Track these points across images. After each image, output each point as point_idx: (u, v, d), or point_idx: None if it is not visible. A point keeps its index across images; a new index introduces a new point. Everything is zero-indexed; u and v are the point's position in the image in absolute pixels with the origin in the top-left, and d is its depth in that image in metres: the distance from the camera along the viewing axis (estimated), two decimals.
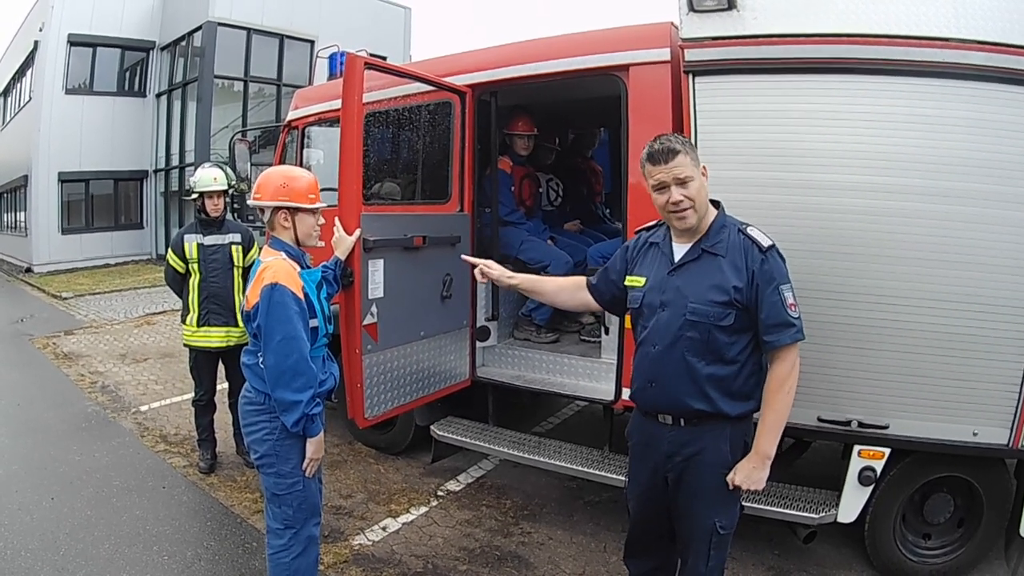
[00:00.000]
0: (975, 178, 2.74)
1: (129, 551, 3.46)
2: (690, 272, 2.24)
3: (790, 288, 2.19)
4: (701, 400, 2.21)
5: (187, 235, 4.35)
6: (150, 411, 5.73)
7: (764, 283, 2.16)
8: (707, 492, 2.25)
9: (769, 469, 2.21)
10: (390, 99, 4.12)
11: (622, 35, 3.50)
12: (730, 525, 2.30)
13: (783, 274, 2.20)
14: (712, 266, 2.21)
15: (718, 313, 2.17)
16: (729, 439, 2.25)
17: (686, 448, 2.27)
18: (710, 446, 2.24)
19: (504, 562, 3.46)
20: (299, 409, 2.43)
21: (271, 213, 2.62)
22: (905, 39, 2.76)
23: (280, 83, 17.00)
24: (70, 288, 13.19)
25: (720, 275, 2.19)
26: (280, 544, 2.58)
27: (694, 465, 2.26)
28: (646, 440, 2.39)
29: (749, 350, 2.23)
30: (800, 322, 2.18)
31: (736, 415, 2.23)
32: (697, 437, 2.25)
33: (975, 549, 3.25)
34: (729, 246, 2.21)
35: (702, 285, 2.20)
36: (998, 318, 2.79)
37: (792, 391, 2.19)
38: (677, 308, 2.22)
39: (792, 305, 2.16)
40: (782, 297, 2.15)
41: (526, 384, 4.10)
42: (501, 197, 4.32)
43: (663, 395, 2.28)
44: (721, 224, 2.26)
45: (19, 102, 19.16)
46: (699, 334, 2.19)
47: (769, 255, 2.18)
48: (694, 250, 2.25)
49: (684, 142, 2.21)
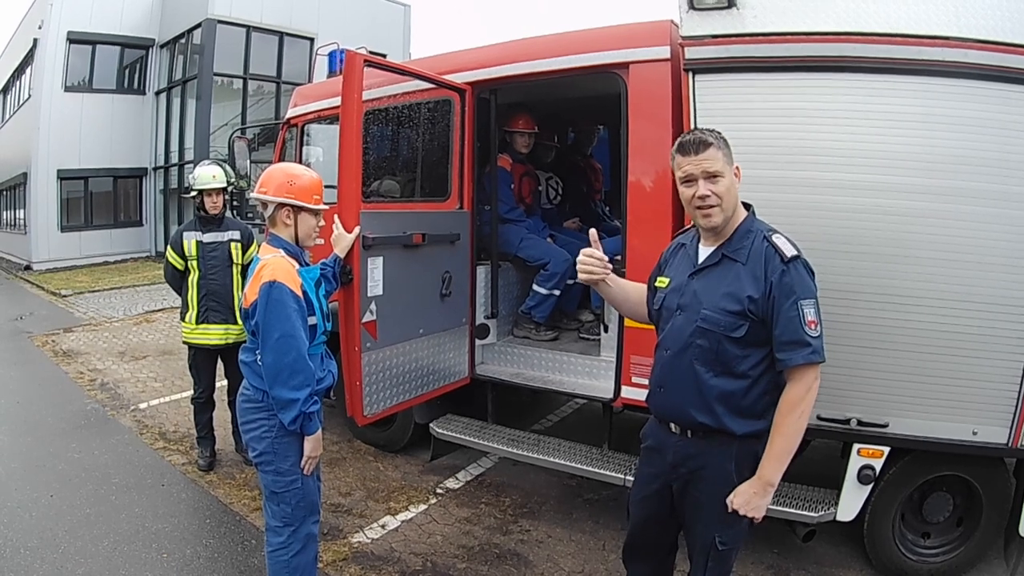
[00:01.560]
0: (975, 177, 2.74)
1: (128, 549, 3.46)
2: (709, 277, 2.14)
3: (813, 304, 2.02)
4: (705, 413, 2.10)
5: (186, 232, 4.35)
6: (149, 409, 5.73)
7: (782, 296, 2.02)
8: (709, 508, 2.15)
9: (771, 497, 2.07)
10: (390, 96, 4.13)
11: (622, 33, 3.49)
12: (733, 542, 2.18)
13: (806, 288, 2.04)
14: (730, 273, 2.10)
15: (730, 323, 2.06)
16: (735, 458, 2.11)
17: (691, 461, 2.18)
18: (713, 463, 2.14)
19: (503, 560, 3.46)
20: (296, 407, 2.43)
21: (274, 209, 2.61)
22: (905, 38, 2.76)
23: (279, 81, 16.99)
24: (69, 286, 13.19)
25: (736, 283, 2.07)
26: (279, 542, 2.58)
27: (697, 479, 2.18)
28: (656, 446, 2.31)
29: (763, 366, 2.09)
30: (819, 342, 2.01)
31: (743, 434, 2.09)
32: (702, 451, 2.15)
33: (974, 548, 3.24)
34: (751, 253, 2.09)
35: (717, 292, 2.10)
36: (998, 317, 2.79)
37: (805, 416, 2.02)
38: (691, 313, 2.13)
39: (812, 323, 2.00)
40: (801, 313, 2.00)
41: (525, 382, 4.10)
42: (501, 195, 4.32)
43: (670, 402, 2.20)
44: (748, 229, 2.13)
45: (18, 100, 19.15)
46: (709, 343, 2.09)
47: (792, 266, 2.03)
48: (715, 254, 2.15)
49: (718, 136, 2.11)
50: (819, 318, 2.03)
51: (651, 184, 3.36)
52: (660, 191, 3.31)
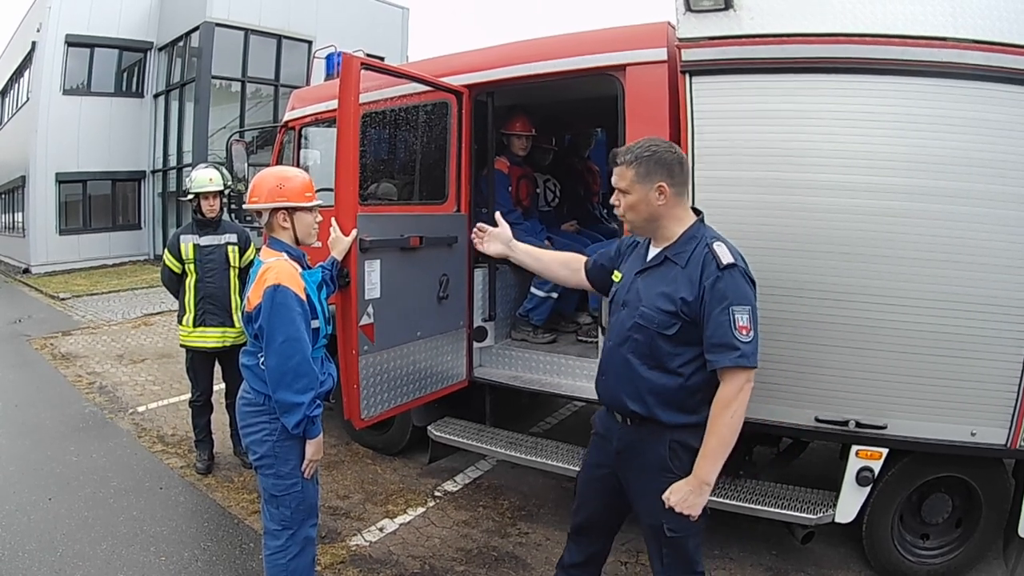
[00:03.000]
0: (972, 178, 2.74)
1: (126, 552, 3.46)
2: (651, 276, 2.28)
3: (748, 311, 2.11)
4: (637, 402, 2.24)
5: (183, 236, 4.34)
6: (147, 412, 5.72)
7: (714, 300, 2.11)
8: (649, 494, 2.23)
9: (707, 496, 2.13)
10: (387, 99, 4.11)
11: (619, 35, 3.49)
12: (683, 530, 2.22)
13: (741, 296, 2.12)
14: (669, 274, 2.23)
15: (663, 321, 2.18)
16: (667, 445, 2.22)
17: (630, 448, 2.32)
18: (648, 449, 2.26)
19: (501, 563, 3.45)
20: (301, 411, 2.42)
21: (269, 215, 2.61)
22: (902, 38, 2.76)
23: (277, 84, 17.00)
24: (68, 289, 13.18)
25: (673, 285, 2.19)
26: (277, 545, 2.57)
27: (637, 467, 2.30)
28: (604, 433, 2.45)
29: (695, 365, 2.19)
30: (750, 348, 2.09)
31: (672, 424, 2.21)
32: (640, 439, 2.28)
33: (973, 549, 3.24)
34: (691, 258, 2.19)
35: (655, 291, 2.23)
36: (996, 318, 2.79)
37: (737, 417, 2.10)
38: (632, 309, 2.28)
39: (743, 328, 2.08)
40: (732, 318, 2.08)
41: (523, 384, 4.10)
42: (498, 197, 4.31)
43: (609, 389, 2.36)
44: (692, 235, 2.25)
45: (17, 103, 19.13)
46: (644, 338, 2.22)
47: (727, 273, 2.12)
48: (659, 255, 2.29)
49: (639, 157, 2.22)
50: (753, 325, 2.11)
51: None
52: None
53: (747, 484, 3.39)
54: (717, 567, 3.42)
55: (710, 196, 3.06)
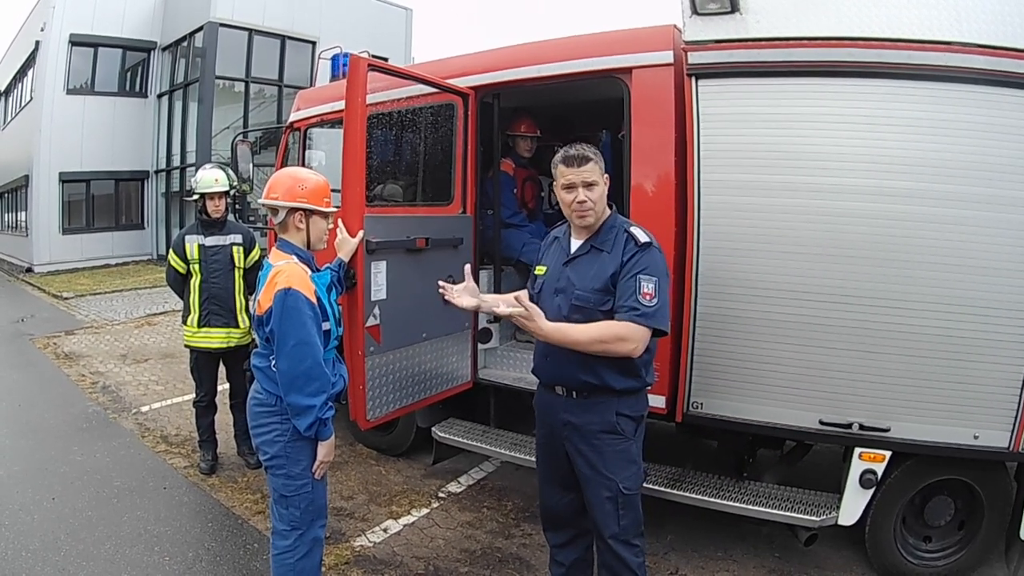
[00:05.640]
0: (977, 182, 2.75)
1: (130, 552, 3.46)
2: (580, 264, 2.54)
3: (654, 281, 2.36)
4: (588, 373, 2.45)
5: (188, 236, 4.36)
6: (151, 412, 5.74)
7: (627, 271, 2.39)
8: (604, 457, 2.49)
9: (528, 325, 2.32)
10: (393, 101, 4.13)
11: (625, 38, 3.50)
12: (635, 485, 2.53)
13: (654, 267, 2.39)
14: (597, 260, 2.49)
15: (598, 299, 2.44)
16: (616, 409, 2.48)
17: (578, 418, 2.52)
18: (599, 417, 2.49)
19: (505, 564, 3.46)
20: (313, 413, 2.43)
21: (285, 214, 2.60)
22: (907, 43, 2.77)
23: (281, 84, 17.02)
24: (71, 288, 13.19)
25: (602, 267, 2.46)
26: (285, 545, 2.58)
27: (588, 434, 2.51)
28: (546, 410, 2.65)
29: None
30: (651, 310, 2.33)
31: (621, 388, 2.46)
32: (587, 408, 2.51)
33: (975, 552, 3.25)
34: (614, 243, 2.48)
35: (587, 276, 2.48)
36: (999, 321, 2.80)
37: (595, 347, 2.33)
38: (567, 295, 2.51)
39: (647, 294, 2.34)
40: (637, 284, 2.36)
41: (528, 386, 4.08)
42: (503, 199, 4.32)
43: (556, 368, 2.55)
44: (611, 224, 2.53)
45: (20, 102, 19.17)
46: (583, 317, 2.44)
47: (643, 249, 2.42)
48: (585, 245, 2.55)
49: (596, 152, 2.49)
50: (658, 293, 2.37)
51: (653, 188, 3.36)
52: (663, 195, 3.31)
53: (751, 486, 3.40)
54: (720, 568, 3.43)
55: (716, 199, 3.08)
